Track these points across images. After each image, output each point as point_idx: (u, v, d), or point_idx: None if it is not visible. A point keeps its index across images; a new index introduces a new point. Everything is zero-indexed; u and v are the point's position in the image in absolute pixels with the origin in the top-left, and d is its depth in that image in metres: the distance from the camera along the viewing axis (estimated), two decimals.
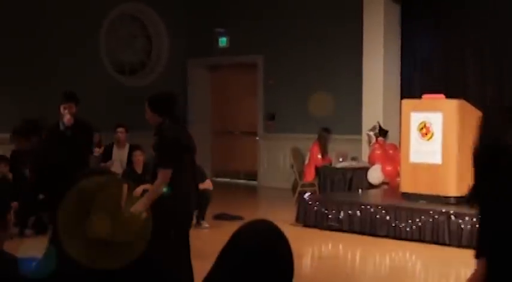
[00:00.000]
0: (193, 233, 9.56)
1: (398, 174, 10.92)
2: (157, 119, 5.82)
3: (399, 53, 13.07)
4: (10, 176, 9.56)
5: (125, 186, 2.34)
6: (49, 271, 2.28)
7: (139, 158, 10.30)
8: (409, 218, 9.28)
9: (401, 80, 13.07)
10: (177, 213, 5.79)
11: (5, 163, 9.35)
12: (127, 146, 11.28)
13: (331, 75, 13.95)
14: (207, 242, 8.32)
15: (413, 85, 12.77)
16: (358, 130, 13.00)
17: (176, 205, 5.76)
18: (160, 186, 5.68)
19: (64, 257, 2.22)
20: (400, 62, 13.08)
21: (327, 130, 12.82)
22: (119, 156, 11.23)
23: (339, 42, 13.76)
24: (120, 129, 11.34)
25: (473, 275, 3.20)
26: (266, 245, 2.02)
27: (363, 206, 9.81)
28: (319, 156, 12.58)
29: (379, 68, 12.84)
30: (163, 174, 5.70)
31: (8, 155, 10.22)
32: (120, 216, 2.12)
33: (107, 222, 2.10)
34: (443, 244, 8.91)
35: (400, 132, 10.76)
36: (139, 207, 5.49)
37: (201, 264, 2.13)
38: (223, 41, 15.84)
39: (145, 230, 1.80)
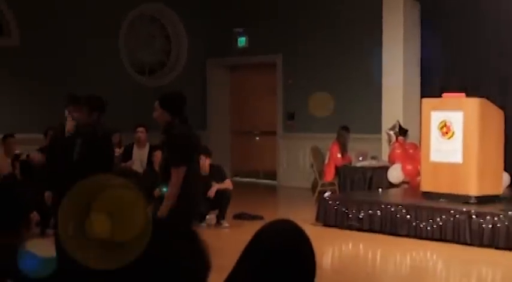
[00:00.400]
0: (213, 233, 9.60)
1: (418, 174, 10.86)
2: (166, 118, 5.85)
3: (419, 51, 13.00)
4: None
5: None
6: (49, 271, 2.29)
7: (159, 157, 10.31)
8: (429, 217, 9.23)
9: (421, 78, 13.00)
10: (184, 213, 5.77)
11: None
12: (147, 146, 11.31)
13: (350, 73, 13.91)
14: (227, 241, 8.34)
15: (433, 83, 12.69)
16: (378, 129, 12.95)
17: (183, 204, 5.74)
18: (177, 185, 5.69)
19: (64, 256, 2.23)
20: (420, 61, 13.01)
21: (345, 128, 12.79)
22: (139, 156, 11.27)
23: (358, 40, 13.72)
24: (140, 129, 11.38)
25: None
26: (288, 244, 2.02)
27: (383, 205, 9.77)
28: (339, 155, 12.55)
29: (398, 67, 12.79)
30: (178, 173, 5.71)
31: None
32: (120, 216, 2.14)
33: (107, 222, 2.11)
34: (465, 243, 8.85)
35: (420, 131, 10.71)
36: (164, 210, 5.57)
37: (221, 264, 2.12)
38: (242, 41, 15.85)
39: (145, 230, 1.81)
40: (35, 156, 9.45)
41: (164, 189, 5.75)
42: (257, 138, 15.74)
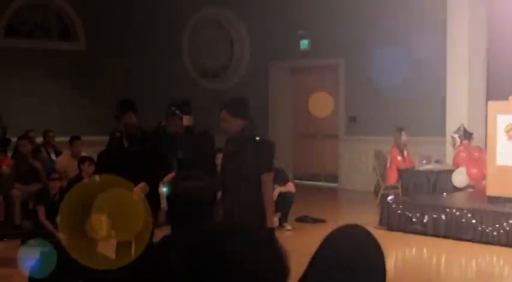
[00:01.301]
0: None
1: (484, 177, 10.68)
2: (239, 123, 5.67)
3: (485, 53, 12.75)
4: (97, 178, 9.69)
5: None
6: (49, 271, 2.32)
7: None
8: (496, 222, 9.06)
9: (488, 80, 12.76)
10: (259, 218, 5.77)
11: (89, 162, 9.40)
12: None
13: (414, 76, 13.75)
14: (290, 244, 8.32)
15: (500, 85, 12.43)
16: (442, 132, 12.77)
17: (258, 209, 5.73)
18: (272, 192, 5.66)
19: (64, 256, 2.26)
20: (486, 62, 12.77)
21: (399, 129, 12.66)
22: None
23: (422, 42, 13.54)
24: None
25: None
26: (359, 252, 2.00)
27: (447, 210, 9.63)
28: (399, 158, 12.43)
29: (464, 68, 12.57)
30: (270, 179, 5.65)
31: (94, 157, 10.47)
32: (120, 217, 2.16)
33: (107, 222, 2.14)
34: None
35: (485, 134, 10.52)
36: (271, 219, 5.60)
37: None
38: (304, 44, 15.83)
39: (144, 230, 1.83)
40: None
41: (164, 189, 5.69)
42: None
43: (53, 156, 11.63)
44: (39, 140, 11.94)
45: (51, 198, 9.13)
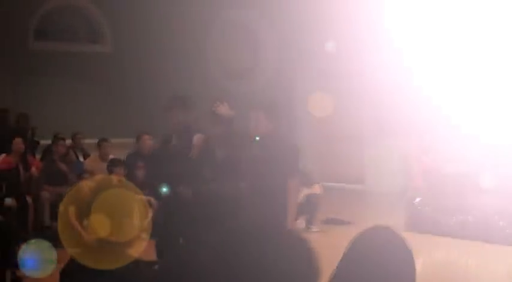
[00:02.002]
0: None
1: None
2: (271, 128, 5.56)
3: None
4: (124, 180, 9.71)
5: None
6: (49, 271, 2.35)
7: None
8: None
9: None
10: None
11: (121, 165, 9.42)
12: None
13: (437, 76, 13.68)
14: (317, 246, 8.32)
15: None
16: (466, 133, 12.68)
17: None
18: (297, 196, 5.63)
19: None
20: None
21: (421, 130, 12.59)
22: None
23: (446, 43, 13.47)
24: None
25: None
26: (388, 253, 1.99)
27: (475, 212, 9.56)
28: (425, 159, 12.36)
29: (488, 68, 12.50)
30: (296, 182, 5.63)
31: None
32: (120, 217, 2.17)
33: (107, 222, 2.16)
34: None
35: None
36: (293, 221, 5.59)
37: None
38: (329, 45, 15.78)
39: (145, 230, 1.84)
40: None
41: (164, 190, 5.66)
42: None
43: (81, 159, 11.71)
44: (67, 142, 12.04)
45: None
